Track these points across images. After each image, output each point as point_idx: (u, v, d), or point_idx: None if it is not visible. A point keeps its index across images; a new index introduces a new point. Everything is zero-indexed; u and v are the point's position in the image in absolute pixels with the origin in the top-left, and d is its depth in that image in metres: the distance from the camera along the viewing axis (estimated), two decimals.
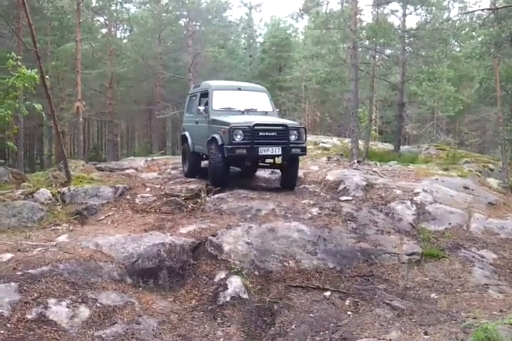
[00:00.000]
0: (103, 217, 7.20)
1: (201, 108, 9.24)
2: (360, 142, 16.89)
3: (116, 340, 3.66)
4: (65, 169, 9.41)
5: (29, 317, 3.59)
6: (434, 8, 15.30)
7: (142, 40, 24.00)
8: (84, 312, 3.86)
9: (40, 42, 11.45)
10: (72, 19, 20.84)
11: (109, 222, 6.77)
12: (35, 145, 29.77)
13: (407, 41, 15.16)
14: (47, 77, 9.35)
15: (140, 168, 12.69)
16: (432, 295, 5.32)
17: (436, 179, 9.90)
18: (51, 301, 3.82)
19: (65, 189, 8.44)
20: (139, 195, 8.44)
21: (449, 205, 8.15)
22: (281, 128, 8.23)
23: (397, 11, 15.98)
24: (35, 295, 3.82)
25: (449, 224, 7.51)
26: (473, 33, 16.24)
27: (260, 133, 7.98)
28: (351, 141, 13.87)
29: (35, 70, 9.58)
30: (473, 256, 6.50)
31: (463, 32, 15.32)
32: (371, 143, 18.83)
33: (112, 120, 23.08)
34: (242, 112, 8.94)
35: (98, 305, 4.01)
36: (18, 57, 9.56)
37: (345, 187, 8.90)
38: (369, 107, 16.50)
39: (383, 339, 3.49)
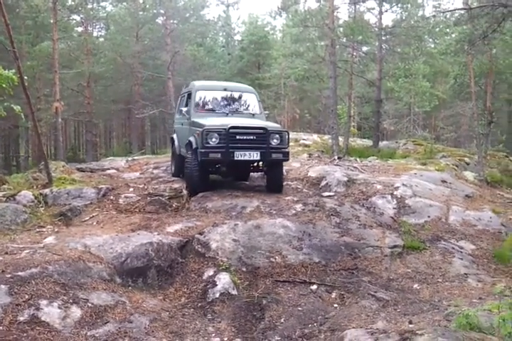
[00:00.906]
0: (87, 218, 7.19)
1: (184, 109, 8.96)
2: (340, 138, 17.11)
3: (110, 339, 3.70)
4: (46, 170, 9.31)
5: (21, 319, 3.61)
6: (409, 5, 15.58)
7: (120, 38, 23.72)
8: (76, 312, 3.89)
9: (15, 41, 11.25)
10: (47, 18, 20.52)
11: (95, 223, 6.77)
12: (11, 146, 29.22)
13: (383, 38, 15.43)
14: (25, 77, 9.24)
15: (121, 168, 12.68)
16: (415, 286, 5.50)
17: (415, 173, 10.16)
18: (43, 302, 3.84)
19: (47, 190, 8.37)
20: (122, 195, 8.41)
21: (428, 199, 8.39)
22: (260, 131, 7.72)
23: (373, 8, 16.27)
24: (26, 297, 3.83)
25: (429, 217, 7.74)
26: (448, 30, 16.62)
27: (237, 137, 7.54)
28: (331, 137, 14.06)
29: (13, 71, 9.46)
30: (453, 248, 6.72)
31: (437, 29, 15.65)
32: (350, 139, 19.05)
33: (90, 120, 22.82)
34: (227, 114, 8.54)
35: (89, 305, 4.04)
36: None
37: (327, 183, 9.07)
38: (348, 104, 16.71)
39: (370, 328, 3.61)
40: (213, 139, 7.48)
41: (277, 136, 7.83)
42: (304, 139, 19.13)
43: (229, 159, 7.56)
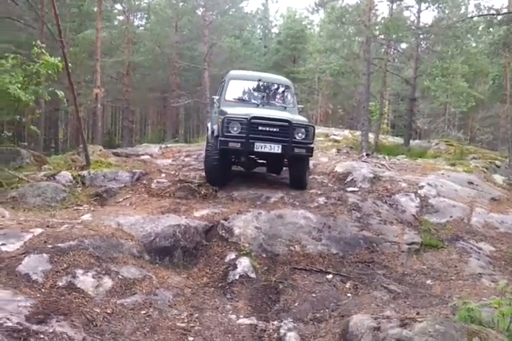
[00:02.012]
0: (121, 200, 7.64)
1: (215, 97, 8.97)
2: (371, 135, 17.13)
3: (136, 308, 4.07)
4: (84, 153, 9.85)
5: (60, 284, 4.02)
6: (447, 4, 15.34)
7: (159, 29, 24.26)
8: (107, 282, 4.28)
9: (49, 28, 11.81)
10: (91, 6, 21.22)
11: (128, 204, 7.20)
12: (51, 129, 30.41)
13: (421, 37, 15.30)
14: (69, 64, 9.74)
15: (155, 154, 13.16)
16: (428, 282, 5.67)
17: (442, 174, 10.18)
18: (78, 271, 4.25)
19: (85, 172, 8.90)
20: (154, 180, 8.84)
21: (452, 199, 8.44)
22: (284, 124, 7.44)
23: (412, 6, 16.11)
24: (65, 265, 4.25)
25: (451, 217, 7.81)
26: (491, 29, 16.28)
27: (260, 128, 7.31)
28: (361, 134, 14.12)
29: (59, 58, 10.00)
30: (471, 248, 6.81)
31: (479, 28, 15.37)
32: (382, 136, 19.04)
33: (127, 106, 23.52)
34: (257, 105, 8.35)
35: (120, 277, 4.43)
36: (42, 45, 9.99)
37: (352, 179, 9.22)
38: (380, 101, 16.67)
39: (375, 314, 3.85)
40: (234, 128, 7.30)
41: (302, 130, 7.57)
42: (334, 134, 19.25)
43: (248, 150, 7.39)
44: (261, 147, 7.31)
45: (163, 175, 9.40)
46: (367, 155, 12.76)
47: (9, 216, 5.72)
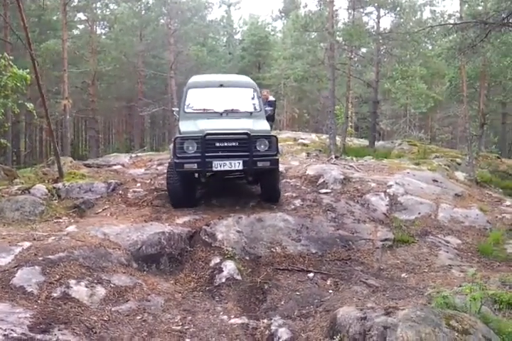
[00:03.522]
0: (100, 210, 7.69)
1: (175, 109, 8.26)
2: (337, 138, 17.64)
3: (131, 314, 4.21)
4: (57, 165, 9.79)
5: (55, 295, 4.11)
6: (406, 9, 16.07)
7: (124, 37, 24.19)
8: (100, 291, 4.40)
9: (20, 39, 11.72)
10: (51, 15, 20.95)
11: (108, 215, 7.27)
12: (13, 142, 29.65)
13: (381, 42, 15.94)
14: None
15: (126, 164, 13.11)
16: (403, 275, 6.02)
17: (408, 173, 10.67)
18: (72, 282, 4.34)
19: (59, 184, 8.86)
20: (130, 190, 8.91)
21: (419, 197, 8.90)
22: (243, 136, 6.81)
23: (371, 13, 16.79)
24: (57, 276, 4.34)
25: (419, 213, 8.25)
26: (445, 34, 17.10)
27: (217, 144, 6.76)
28: (329, 137, 14.58)
29: (27, 70, 9.95)
30: (440, 242, 7.25)
31: (434, 34, 16.14)
32: (347, 139, 19.59)
33: (93, 117, 23.29)
34: (221, 114, 7.68)
35: (112, 285, 4.55)
36: (10, 57, 9.92)
37: (324, 181, 9.56)
38: (345, 105, 17.23)
39: (360, 306, 4.14)
40: (189, 147, 6.77)
41: (264, 141, 6.96)
42: (302, 138, 19.66)
43: (206, 170, 6.83)
44: (220, 165, 6.72)
45: (138, 184, 9.46)
46: (336, 157, 13.19)
47: None
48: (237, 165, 6.76)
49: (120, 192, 8.87)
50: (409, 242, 7.05)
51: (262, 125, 7.48)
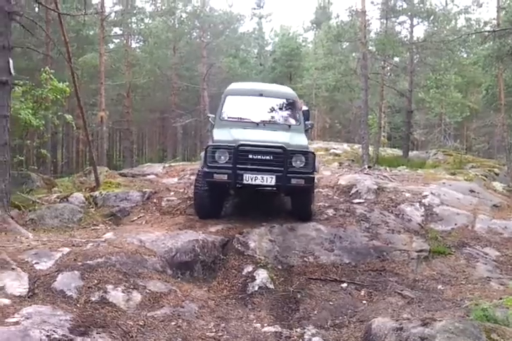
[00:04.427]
0: (135, 218, 7.87)
1: (211, 116, 7.99)
2: (370, 148, 17.48)
3: (166, 320, 4.27)
4: (94, 175, 10.11)
5: (93, 299, 4.23)
6: (440, 18, 15.87)
7: (158, 51, 24.85)
8: (136, 296, 4.49)
9: (60, 53, 12.27)
10: (89, 30, 21.77)
11: (143, 223, 7.44)
12: (51, 152, 30.73)
13: (414, 51, 15.78)
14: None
15: (160, 173, 13.35)
16: (439, 287, 5.88)
17: (444, 183, 10.46)
18: (109, 287, 4.45)
19: (96, 193, 9.13)
20: (164, 199, 9.06)
21: (456, 207, 8.69)
22: (278, 151, 6.44)
23: (404, 22, 16.65)
24: (95, 281, 4.46)
25: (455, 224, 8.05)
26: (482, 41, 16.76)
27: (250, 156, 6.41)
28: (361, 147, 14.46)
29: (66, 83, 10.36)
30: (478, 253, 7.04)
31: (469, 41, 15.86)
32: (380, 149, 19.39)
33: (128, 128, 23.93)
34: (257, 124, 7.39)
35: (147, 291, 4.64)
36: (51, 70, 10.36)
37: (357, 191, 9.47)
38: (378, 114, 17.08)
39: (396, 317, 4.07)
40: (221, 157, 6.47)
41: (301, 157, 6.59)
42: (334, 148, 19.59)
43: (236, 182, 6.42)
44: (251, 179, 6.36)
45: (171, 193, 9.61)
46: (368, 167, 13.07)
47: (33, 237, 5.93)
48: (269, 180, 6.40)
49: (154, 200, 9.04)
50: (445, 253, 6.89)
51: (299, 140, 7.14)
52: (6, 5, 6.29)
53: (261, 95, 7.81)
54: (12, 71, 6.60)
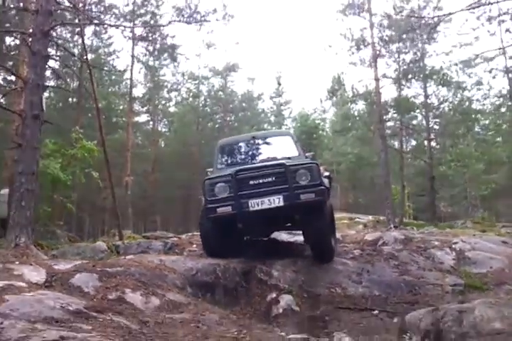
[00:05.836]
0: None
1: (209, 170, 7.60)
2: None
3: (185, 322, 4.01)
4: (118, 229, 10.18)
5: (110, 297, 4.06)
6: (453, 85, 16.52)
7: (183, 131, 26.17)
8: (155, 301, 4.29)
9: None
10: (118, 116, 23.49)
11: None
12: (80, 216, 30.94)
13: (430, 116, 16.24)
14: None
15: (183, 238, 13.37)
16: None
17: (474, 235, 10.09)
18: (127, 290, 4.29)
19: (119, 242, 9.11)
20: (186, 249, 8.92)
21: (489, 253, 8.28)
22: (279, 169, 6.02)
23: (419, 94, 17.28)
24: (113, 284, 4.31)
25: (491, 267, 7.59)
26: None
27: (251, 182, 5.99)
28: (386, 207, 14.28)
29: (95, 142, 10.99)
30: None
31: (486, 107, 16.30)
32: (405, 220, 19.00)
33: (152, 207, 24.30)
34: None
35: (166, 298, 4.43)
36: (80, 130, 11.09)
37: (384, 242, 9.14)
38: (401, 181, 17.08)
39: None
40: (221, 189, 6.04)
41: (304, 171, 6.02)
42: (359, 218, 19.36)
43: (243, 212, 5.87)
44: (257, 204, 5.85)
45: (194, 245, 9.49)
46: (395, 227, 12.77)
47: None
48: (276, 201, 5.85)
49: (176, 250, 8.90)
50: (482, 289, 6.45)
51: (299, 159, 6.75)
52: (43, 50, 6.99)
53: (253, 138, 7.74)
54: (44, 107, 7.11)
